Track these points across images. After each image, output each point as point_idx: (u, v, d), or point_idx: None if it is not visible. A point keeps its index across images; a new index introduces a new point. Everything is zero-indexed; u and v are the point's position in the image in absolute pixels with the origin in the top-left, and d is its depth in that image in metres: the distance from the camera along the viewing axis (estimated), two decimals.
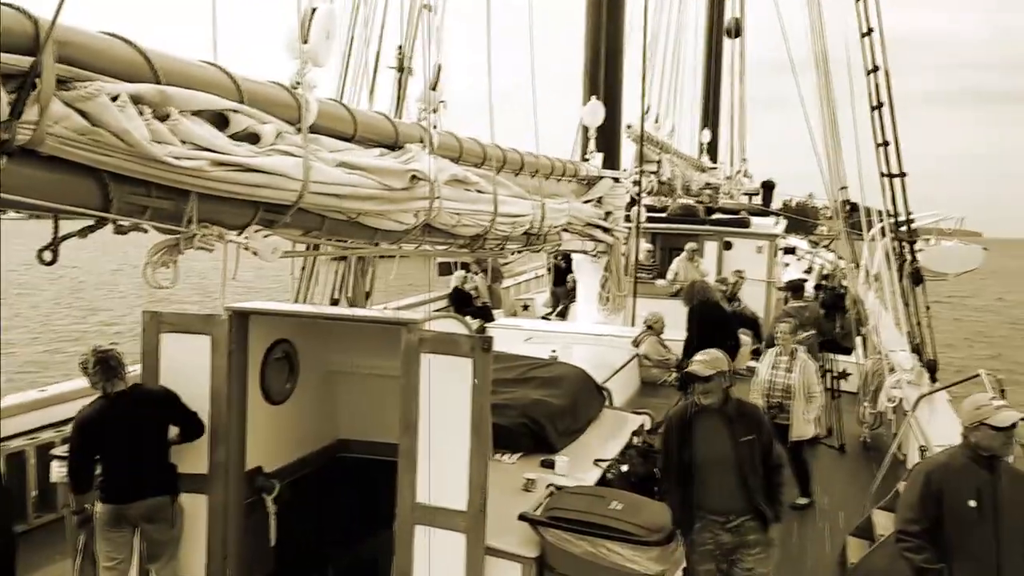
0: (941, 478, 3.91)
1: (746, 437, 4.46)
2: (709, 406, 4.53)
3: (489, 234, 5.82)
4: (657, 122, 14.87)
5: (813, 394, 7.05)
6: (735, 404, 4.62)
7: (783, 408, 6.97)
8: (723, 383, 4.53)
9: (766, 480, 4.52)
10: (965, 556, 3.80)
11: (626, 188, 9.47)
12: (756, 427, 4.53)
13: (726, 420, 4.52)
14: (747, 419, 4.56)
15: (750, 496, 4.44)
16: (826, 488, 7.38)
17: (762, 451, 4.50)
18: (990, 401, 3.93)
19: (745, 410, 4.66)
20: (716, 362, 4.53)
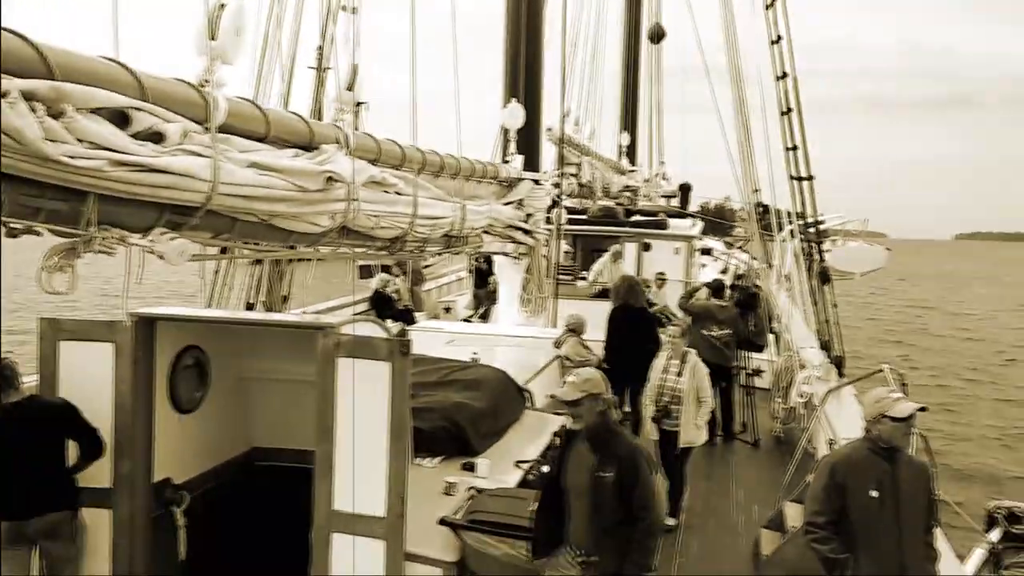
0: (845, 470, 4.06)
1: (605, 473, 3.93)
2: (579, 431, 4.10)
3: (408, 236, 5.77)
4: (577, 125, 15.04)
5: (704, 398, 6.88)
6: (606, 433, 4.06)
7: (669, 413, 6.78)
8: (596, 407, 4.03)
9: (620, 527, 3.95)
10: (869, 544, 3.96)
11: (547, 190, 9.52)
12: (619, 464, 3.94)
13: (592, 449, 4.03)
14: (613, 453, 3.99)
15: (599, 537, 3.97)
16: (741, 482, 7.60)
17: (622, 492, 3.92)
18: (889, 394, 4.10)
19: (615, 443, 4.05)
20: (586, 384, 4.06)
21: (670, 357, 6.98)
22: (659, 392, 6.88)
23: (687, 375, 6.80)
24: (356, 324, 4.10)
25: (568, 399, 4.07)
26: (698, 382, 6.83)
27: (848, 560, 3.95)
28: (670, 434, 6.76)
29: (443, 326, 9.78)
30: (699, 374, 6.87)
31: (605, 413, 4.09)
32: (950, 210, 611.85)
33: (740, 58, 13.29)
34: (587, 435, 4.06)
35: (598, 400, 4.04)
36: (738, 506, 7.12)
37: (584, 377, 4.13)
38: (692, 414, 6.74)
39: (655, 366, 7.03)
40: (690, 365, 6.86)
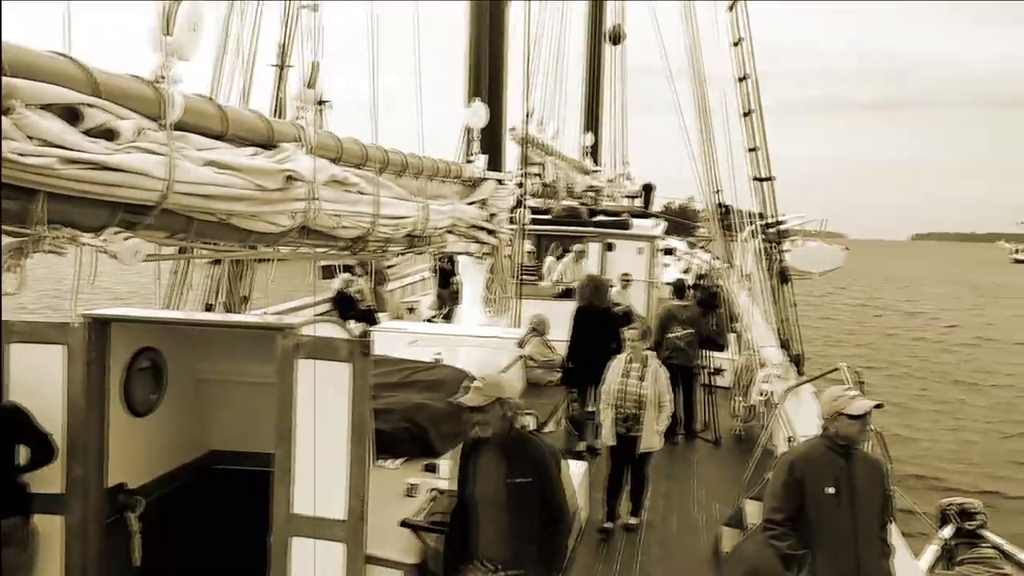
0: (803, 467, 4.12)
1: (521, 479, 3.80)
2: (487, 439, 3.92)
3: (371, 236, 5.73)
4: (541, 125, 15.06)
5: (663, 403, 6.72)
6: (516, 438, 3.94)
7: (638, 420, 6.62)
8: (503, 412, 3.87)
9: (542, 532, 3.88)
10: (826, 540, 4.02)
11: (510, 190, 9.52)
12: (535, 468, 3.84)
13: (503, 456, 3.88)
14: (527, 457, 3.87)
15: (519, 547, 3.85)
16: (702, 481, 7.67)
17: (540, 496, 3.83)
18: (845, 392, 4.18)
19: (527, 447, 3.93)
20: (492, 388, 3.89)
21: (629, 360, 6.77)
22: (621, 397, 6.68)
23: (649, 379, 6.64)
24: (316, 325, 4.05)
25: (473, 405, 3.85)
26: (660, 386, 6.69)
27: (805, 556, 4.01)
28: (630, 439, 6.62)
29: (406, 326, 9.72)
30: (660, 378, 6.73)
31: (513, 418, 3.94)
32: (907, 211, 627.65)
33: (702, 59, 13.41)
34: (496, 442, 3.88)
35: (505, 405, 3.87)
36: (699, 504, 7.18)
37: (490, 382, 3.94)
38: (653, 419, 6.60)
39: (613, 369, 6.81)
40: (652, 369, 6.70)
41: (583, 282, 9.68)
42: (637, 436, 6.58)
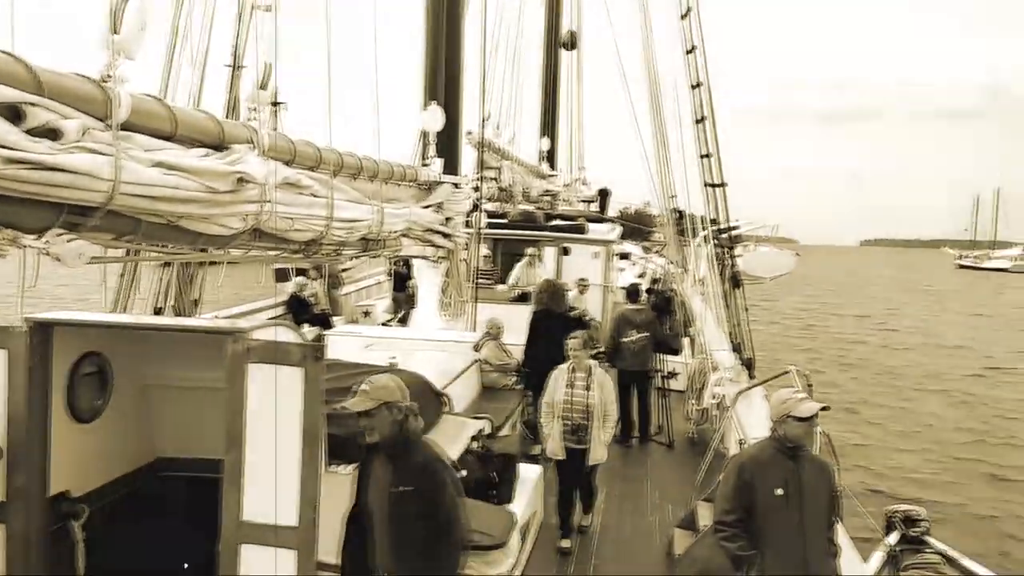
0: (752, 469, 4.19)
1: (403, 487, 3.59)
2: (376, 444, 3.72)
3: (325, 239, 5.69)
4: (498, 129, 15.07)
5: (609, 413, 6.53)
6: (403, 444, 3.71)
7: (587, 430, 6.42)
8: (392, 417, 3.68)
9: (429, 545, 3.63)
10: (774, 541, 4.10)
11: (466, 194, 9.52)
12: (419, 477, 3.61)
13: (389, 462, 3.69)
14: (412, 465, 3.65)
15: (406, 559, 3.66)
16: (656, 483, 7.74)
17: (424, 507, 3.59)
18: (794, 395, 4.27)
19: (414, 455, 3.71)
20: (379, 392, 3.70)
21: (573, 370, 6.54)
22: (568, 408, 6.45)
23: (595, 389, 6.44)
24: (268, 329, 3.99)
25: (359, 410, 3.66)
26: (606, 396, 6.49)
27: (755, 556, 4.09)
28: (579, 452, 6.43)
29: (361, 330, 9.66)
30: (607, 388, 6.54)
31: (403, 422, 3.71)
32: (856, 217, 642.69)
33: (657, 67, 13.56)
34: (384, 448, 3.69)
35: (394, 409, 3.67)
36: (653, 507, 7.25)
37: (378, 384, 3.73)
38: (599, 430, 6.42)
39: (556, 380, 6.56)
40: (597, 378, 6.50)
41: (540, 286, 9.71)
42: (586, 448, 6.40)
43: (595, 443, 6.39)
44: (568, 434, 6.42)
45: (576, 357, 6.56)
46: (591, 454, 6.41)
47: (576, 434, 6.41)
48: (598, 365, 6.64)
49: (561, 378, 6.55)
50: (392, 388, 3.75)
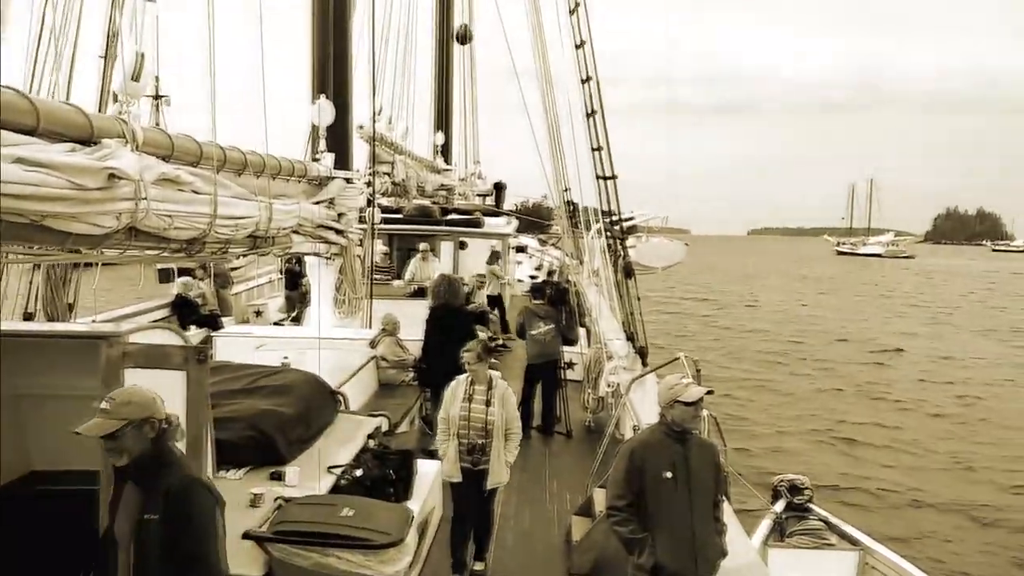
0: (642, 454, 4.31)
1: (150, 515, 3.01)
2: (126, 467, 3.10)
3: (208, 237, 5.49)
4: (391, 123, 14.92)
5: (512, 430, 5.86)
6: (154, 464, 3.10)
7: (484, 450, 5.73)
8: (145, 434, 3.07)
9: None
10: (664, 523, 4.22)
11: (359, 189, 9.38)
12: (172, 505, 3.02)
13: (139, 486, 3.11)
14: (164, 491, 3.04)
15: None
16: (554, 472, 7.85)
17: (165, 538, 2.99)
18: (680, 380, 4.40)
19: (170, 478, 3.08)
20: (124, 409, 3.06)
21: (471, 383, 5.87)
22: (466, 426, 5.75)
23: (497, 404, 5.78)
24: (145, 332, 3.83)
25: (98, 435, 3.01)
26: (508, 412, 5.84)
27: (645, 539, 4.20)
28: (477, 473, 5.74)
29: (252, 331, 9.39)
30: (509, 403, 5.89)
31: (159, 439, 3.11)
32: (743, 208, 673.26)
33: (548, 61, 13.69)
34: (132, 470, 3.10)
35: (144, 426, 3.06)
36: (552, 495, 7.35)
37: (120, 401, 3.09)
38: (502, 450, 5.78)
39: (453, 394, 5.87)
40: (499, 392, 5.83)
41: (437, 281, 9.67)
42: (485, 470, 5.73)
43: (495, 464, 5.73)
44: (464, 454, 5.73)
45: (474, 370, 5.89)
46: (491, 476, 5.73)
47: (473, 454, 5.73)
48: (500, 377, 5.98)
49: (458, 391, 5.88)
50: (140, 403, 3.10)
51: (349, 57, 9.56)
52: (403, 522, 4.35)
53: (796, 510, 7.95)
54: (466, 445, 5.74)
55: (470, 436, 5.74)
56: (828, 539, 7.59)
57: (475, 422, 5.75)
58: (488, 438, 5.74)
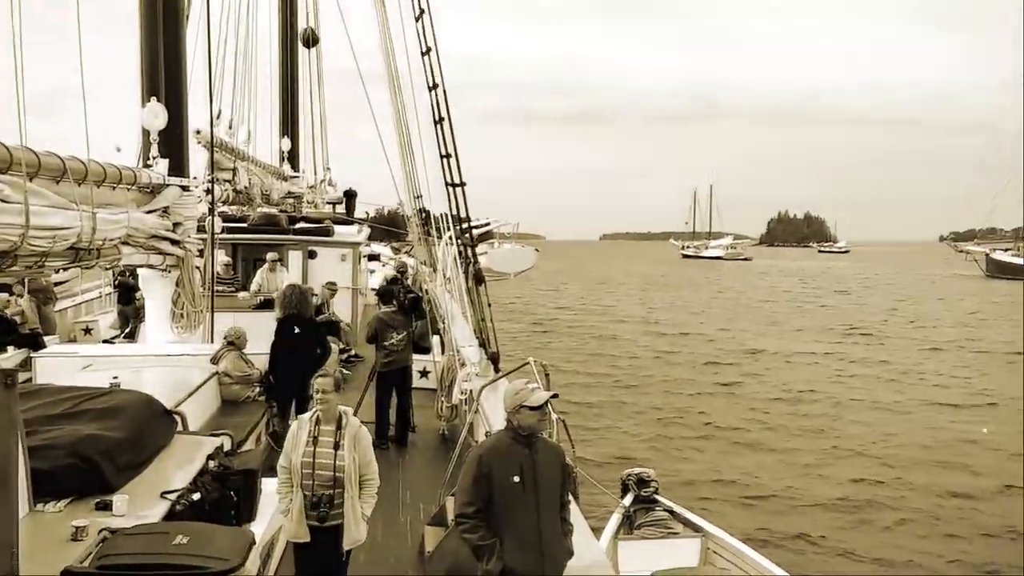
0: (490, 460, 4.33)
1: None
2: None
3: (20, 250, 5.07)
4: (231, 128, 14.32)
5: (368, 476, 5.06)
6: None
7: (332, 502, 4.91)
8: None
9: None
10: (512, 526, 4.26)
11: (197, 197, 8.94)
12: None
13: None
14: None
15: None
16: (408, 483, 7.77)
17: None
18: (526, 385, 4.47)
19: None
20: None
21: (318, 422, 5.04)
22: (310, 475, 4.92)
23: (348, 445, 4.96)
24: None
25: None
26: (362, 454, 5.03)
27: (494, 544, 4.22)
28: (327, 531, 4.95)
29: (79, 350, 8.72)
30: (363, 443, 5.07)
31: None
32: (596, 213, 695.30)
33: (397, 67, 13.59)
34: None
35: None
36: (405, 507, 7.26)
37: None
38: (356, 501, 4.99)
39: (295, 436, 5.06)
40: (351, 432, 5.03)
41: (285, 291, 9.35)
42: (337, 525, 4.94)
43: (350, 519, 4.94)
44: (309, 509, 4.90)
45: (325, 404, 5.04)
46: (345, 535, 4.95)
47: (319, 508, 4.89)
48: (351, 413, 5.21)
49: (301, 434, 5.02)
50: None
51: (183, 58, 9.10)
52: (244, 546, 4.15)
53: (644, 502, 8.27)
54: (310, 498, 4.91)
55: (314, 487, 4.91)
56: (673, 528, 7.93)
57: (321, 469, 4.92)
58: (338, 487, 4.92)
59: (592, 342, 30.21)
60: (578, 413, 17.54)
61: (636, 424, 17.65)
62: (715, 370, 24.86)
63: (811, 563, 10.29)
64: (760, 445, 16.11)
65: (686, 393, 21.08)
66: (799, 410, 19.38)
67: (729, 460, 14.96)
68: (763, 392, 21.41)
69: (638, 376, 23.52)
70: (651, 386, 21.95)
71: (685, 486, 12.94)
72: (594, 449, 14.59)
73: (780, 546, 10.70)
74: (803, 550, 10.68)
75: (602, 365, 25.19)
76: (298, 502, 4.92)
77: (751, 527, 11.22)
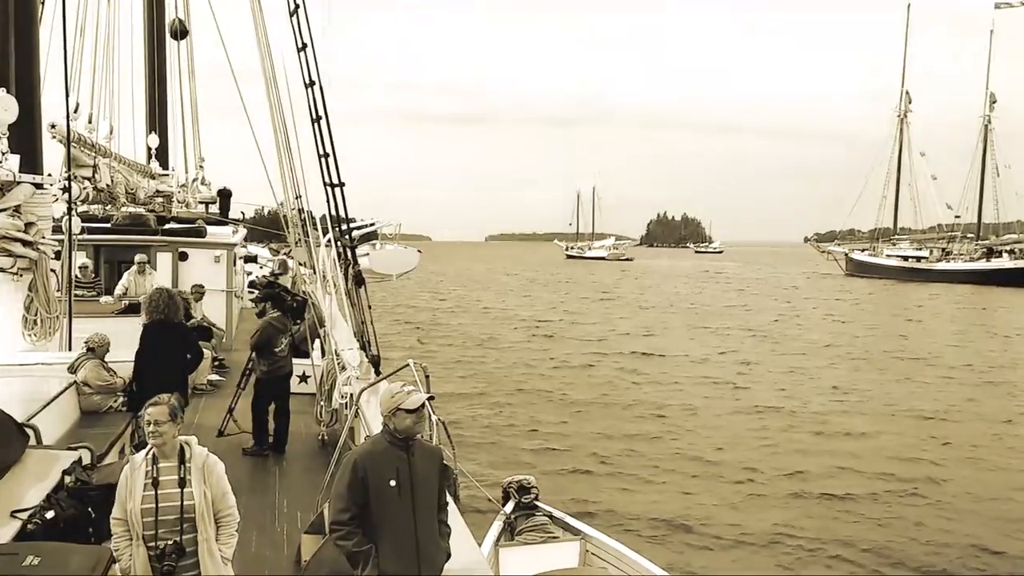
0: (365, 464, 4.25)
1: None
2: None
3: None
4: (91, 123, 13.50)
5: (226, 513, 4.36)
6: None
7: (184, 551, 4.17)
8: None
9: None
10: (389, 531, 4.20)
11: (53, 195, 8.39)
12: None
13: None
14: None
15: None
16: (284, 491, 7.54)
17: None
18: (402, 388, 4.41)
19: None
20: None
21: (155, 459, 4.26)
22: (151, 519, 4.13)
23: (196, 479, 4.26)
24: None
25: None
26: (215, 488, 4.32)
27: (370, 551, 4.15)
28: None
29: None
30: (214, 474, 4.34)
31: None
32: (482, 214, 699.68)
33: (273, 63, 13.15)
34: None
35: None
36: (281, 515, 7.04)
37: None
38: (213, 543, 4.27)
39: (128, 480, 4.23)
40: (197, 464, 4.31)
41: (152, 295, 8.87)
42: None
43: (207, 565, 4.23)
44: (155, 562, 4.12)
45: (160, 437, 4.23)
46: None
47: (165, 560, 4.12)
48: (195, 443, 4.44)
49: (136, 478, 4.22)
50: None
51: (35, 45, 8.50)
52: (99, 565, 3.92)
53: (525, 509, 8.35)
54: (154, 550, 4.13)
55: (158, 536, 4.14)
56: (553, 532, 8.05)
57: (166, 513, 4.17)
58: (188, 532, 4.20)
59: (474, 346, 30.28)
60: (465, 418, 17.59)
61: (519, 429, 17.75)
62: (600, 374, 25.42)
63: (693, 560, 10.64)
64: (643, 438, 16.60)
65: (569, 398, 21.39)
66: (675, 407, 20.10)
67: (612, 462, 15.30)
68: (649, 394, 22.05)
69: (519, 379, 23.73)
70: (533, 392, 22.15)
71: (567, 490, 13.13)
72: (480, 456, 14.63)
73: (661, 544, 11.02)
74: (683, 549, 11.02)
75: (483, 369, 25.26)
76: (141, 556, 4.12)
77: (633, 528, 11.52)
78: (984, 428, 18.06)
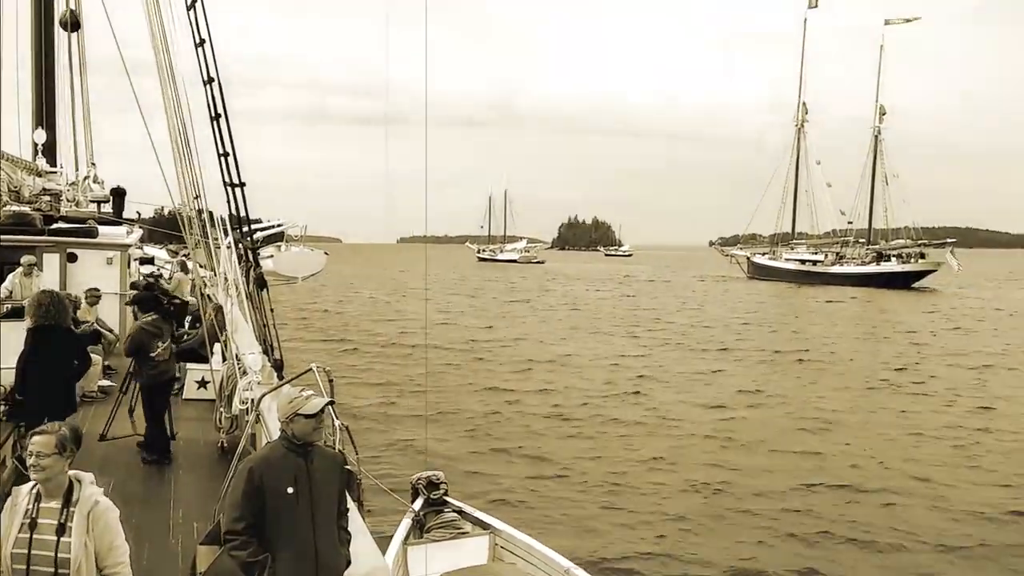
0: (262, 471, 4.14)
1: None
2: None
3: None
4: None
5: (113, 569, 3.76)
6: None
7: None
8: None
9: None
10: (287, 539, 4.10)
11: None
12: None
13: None
14: None
15: None
16: (180, 501, 7.27)
17: None
18: (301, 392, 4.31)
19: None
20: None
21: (37, 498, 3.70)
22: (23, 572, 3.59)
23: (77, 528, 3.65)
24: None
25: None
26: (101, 539, 3.71)
27: (265, 560, 4.04)
28: None
29: None
30: (104, 520, 3.75)
31: None
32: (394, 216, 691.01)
33: (171, 58, 12.66)
34: None
35: None
36: (176, 527, 6.77)
37: None
38: None
39: (7, 519, 3.70)
40: (84, 509, 3.70)
41: (37, 298, 8.41)
42: None
43: None
44: None
45: (42, 469, 3.66)
46: None
47: None
48: (89, 483, 3.82)
49: (15, 515, 3.68)
50: None
51: None
52: None
53: (433, 505, 8.30)
54: None
55: None
56: (463, 528, 8.03)
57: (39, 563, 3.58)
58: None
59: (387, 348, 29.96)
60: (368, 421, 17.38)
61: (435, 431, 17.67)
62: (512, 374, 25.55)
63: (600, 551, 10.79)
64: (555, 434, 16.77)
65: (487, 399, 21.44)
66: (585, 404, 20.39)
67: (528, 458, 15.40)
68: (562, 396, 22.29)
69: (433, 381, 23.64)
70: (447, 391, 22.11)
71: (478, 485, 13.16)
72: (392, 457, 14.48)
73: (571, 535, 11.15)
74: (589, 539, 11.19)
75: (398, 372, 25.04)
76: None
77: (541, 519, 11.63)
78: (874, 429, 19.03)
